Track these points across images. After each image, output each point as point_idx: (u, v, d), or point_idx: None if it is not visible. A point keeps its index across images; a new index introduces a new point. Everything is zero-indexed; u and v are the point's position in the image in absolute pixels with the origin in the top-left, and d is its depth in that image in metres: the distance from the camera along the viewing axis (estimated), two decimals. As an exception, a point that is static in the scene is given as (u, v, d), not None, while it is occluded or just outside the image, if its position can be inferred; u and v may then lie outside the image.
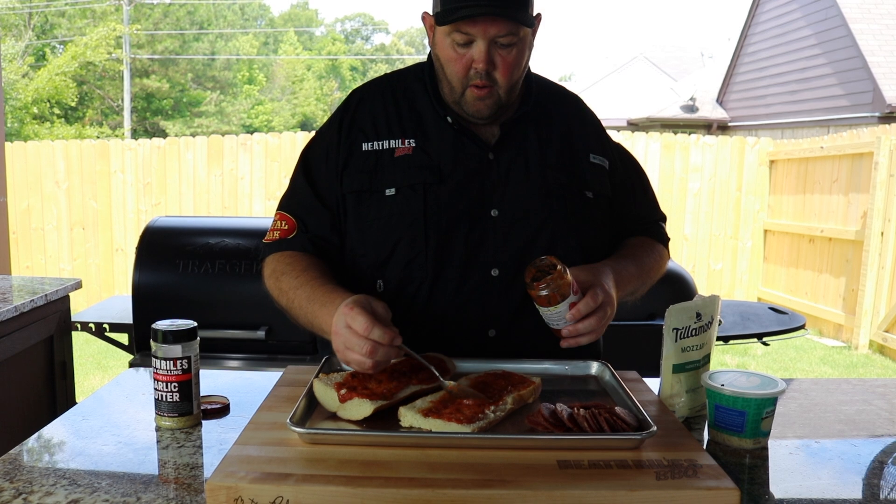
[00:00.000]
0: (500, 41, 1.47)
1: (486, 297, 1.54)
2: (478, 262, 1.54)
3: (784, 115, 12.91)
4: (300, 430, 1.14)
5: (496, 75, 1.49)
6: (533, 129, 1.62)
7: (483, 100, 1.51)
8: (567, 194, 1.59)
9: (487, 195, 1.55)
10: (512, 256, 1.54)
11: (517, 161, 1.58)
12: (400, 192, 1.54)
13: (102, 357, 6.26)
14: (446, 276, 1.54)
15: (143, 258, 3.14)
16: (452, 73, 1.51)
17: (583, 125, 1.71)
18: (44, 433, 1.30)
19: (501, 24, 1.45)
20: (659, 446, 1.15)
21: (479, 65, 1.47)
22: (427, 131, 1.58)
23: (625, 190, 1.72)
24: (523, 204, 1.56)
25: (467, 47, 1.48)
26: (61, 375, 3.13)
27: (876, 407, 1.52)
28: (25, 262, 8.28)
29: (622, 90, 19.43)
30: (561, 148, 1.63)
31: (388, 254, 1.55)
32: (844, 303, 7.10)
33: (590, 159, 1.65)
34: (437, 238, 1.53)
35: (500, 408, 1.23)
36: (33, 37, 24.28)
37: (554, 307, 1.36)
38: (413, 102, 1.62)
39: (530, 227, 1.55)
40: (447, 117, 1.58)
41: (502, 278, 1.54)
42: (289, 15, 38.48)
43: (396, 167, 1.55)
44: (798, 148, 7.96)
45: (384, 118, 1.60)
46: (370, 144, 1.58)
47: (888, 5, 11.25)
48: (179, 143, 8.34)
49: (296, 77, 32.95)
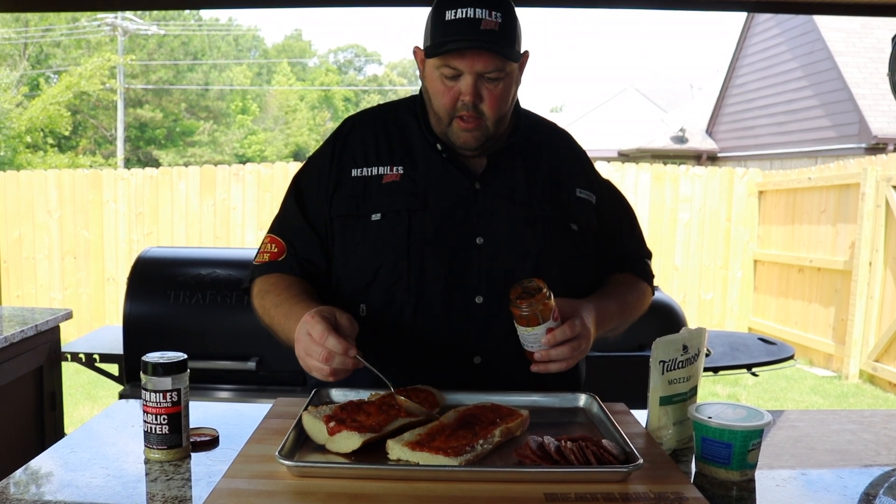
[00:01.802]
0: (487, 76, 1.51)
1: (469, 324, 1.56)
2: (461, 288, 1.56)
3: (772, 146, 13.05)
4: (289, 462, 1.14)
5: (483, 108, 1.53)
6: (520, 161, 1.65)
7: (470, 132, 1.55)
8: (552, 226, 1.61)
9: (473, 223, 1.58)
10: (496, 284, 1.55)
11: (503, 191, 1.61)
12: (385, 217, 1.57)
13: (92, 387, 6.22)
14: (428, 301, 1.55)
15: (135, 288, 3.14)
16: (440, 105, 1.55)
17: (571, 160, 1.73)
18: (32, 465, 1.30)
19: (488, 60, 1.49)
20: (646, 479, 1.16)
21: (466, 97, 1.51)
22: (416, 159, 1.62)
23: (611, 225, 1.74)
24: (508, 233, 1.58)
25: (455, 80, 1.52)
26: (50, 406, 3.12)
27: (864, 438, 1.53)
28: (16, 291, 8.25)
29: (612, 121, 19.59)
30: (548, 181, 1.65)
31: (370, 278, 1.57)
32: (834, 332, 7.12)
33: (576, 193, 1.67)
34: (420, 263, 1.55)
35: (487, 440, 1.24)
36: (28, 66, 24.36)
37: (532, 328, 1.38)
38: (404, 132, 1.66)
39: (515, 255, 1.58)
40: (437, 145, 1.61)
41: (487, 306, 1.55)
42: (282, 46, 38.74)
43: (383, 193, 1.58)
44: (786, 179, 8.04)
45: (374, 146, 1.64)
46: (360, 171, 1.62)
47: (872, 38, 11.43)
48: (172, 173, 8.36)
49: (289, 107, 33.09)
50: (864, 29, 11.67)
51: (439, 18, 1.50)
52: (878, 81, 10.80)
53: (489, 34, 1.47)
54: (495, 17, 1.48)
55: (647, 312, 1.78)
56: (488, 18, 1.47)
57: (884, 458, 1.42)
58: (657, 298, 3.49)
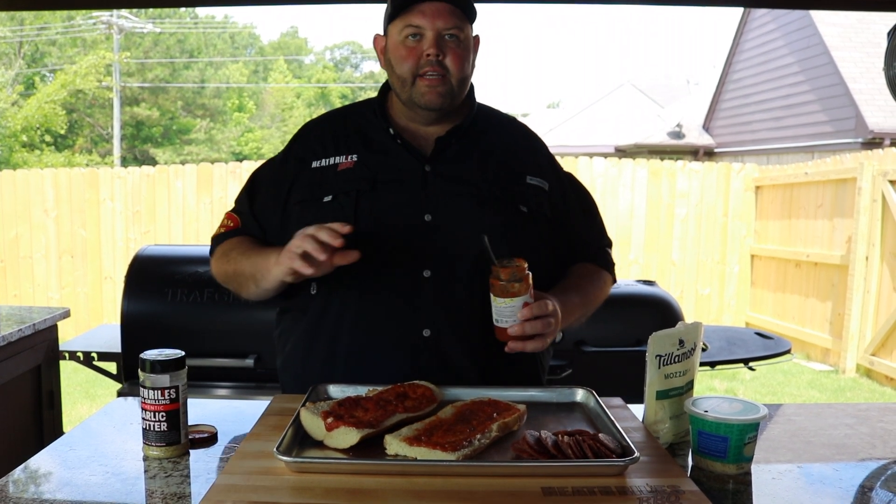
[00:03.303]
0: (447, 33, 1.61)
1: (418, 298, 1.61)
2: (409, 263, 1.62)
3: (769, 142, 13.06)
4: (287, 458, 1.15)
5: (447, 63, 1.62)
6: (471, 148, 1.73)
7: (434, 87, 1.62)
8: (501, 206, 1.67)
9: (422, 202, 1.65)
10: (444, 259, 1.62)
11: (453, 173, 1.69)
12: (336, 199, 1.66)
13: (90, 386, 6.22)
14: (373, 278, 1.62)
15: (132, 287, 3.14)
16: (403, 68, 1.64)
17: (526, 150, 1.81)
18: (31, 463, 1.30)
19: (447, 16, 1.60)
20: (643, 472, 1.17)
21: (430, 50, 1.61)
22: (370, 147, 1.71)
23: (570, 213, 1.81)
24: (457, 211, 1.65)
25: (417, 41, 1.61)
26: (49, 405, 3.12)
27: (861, 432, 1.53)
28: (13, 290, 8.24)
29: (609, 117, 19.60)
30: (499, 166, 1.73)
31: None
32: (831, 327, 7.14)
33: (527, 179, 1.74)
34: (367, 240, 1.60)
35: (485, 435, 1.24)
36: (23, 65, 24.32)
37: (510, 300, 1.43)
38: (361, 126, 1.76)
39: (463, 232, 1.63)
40: (389, 129, 1.70)
41: (434, 280, 1.61)
42: (279, 43, 38.69)
43: (338, 179, 1.68)
44: (783, 174, 8.05)
45: (332, 139, 1.75)
46: (319, 161, 1.72)
47: (868, 33, 11.44)
48: (169, 172, 8.35)
49: (285, 105, 33.06)
50: (861, 23, 11.68)
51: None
52: (875, 76, 10.81)
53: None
54: None
55: (644, 307, 1.80)
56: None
57: (879, 451, 1.43)
58: (654, 293, 3.50)
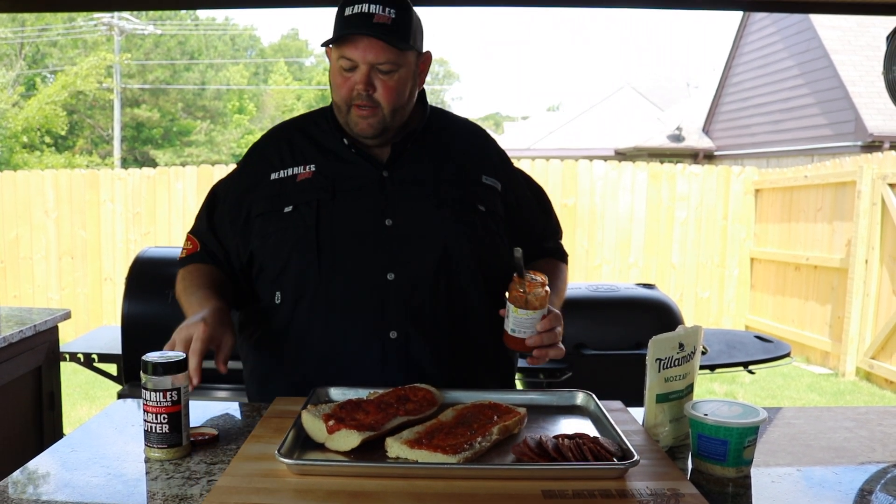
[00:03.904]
0: (379, 67, 1.62)
1: (383, 300, 1.63)
2: (372, 267, 1.65)
3: (769, 145, 13.07)
4: (288, 461, 1.15)
5: (377, 97, 1.64)
6: (427, 152, 1.77)
7: (366, 118, 1.66)
8: (459, 207, 1.71)
9: (381, 208, 1.68)
10: (407, 261, 1.65)
11: (410, 177, 1.72)
12: (296, 209, 1.68)
13: (90, 387, 6.22)
14: (338, 284, 1.65)
15: (133, 288, 3.14)
16: (338, 95, 1.68)
17: (480, 152, 1.85)
18: (31, 465, 1.30)
19: (379, 51, 1.61)
20: (642, 475, 1.17)
21: (359, 86, 1.63)
22: (326, 157, 1.74)
23: (521, 208, 1.86)
24: (416, 214, 1.69)
25: (352, 72, 1.64)
26: (49, 406, 3.12)
27: (861, 435, 1.54)
28: (13, 291, 8.24)
29: (609, 120, 19.61)
30: (455, 169, 1.77)
31: (282, 265, 1.68)
32: (831, 330, 7.14)
33: (482, 179, 1.78)
34: (330, 248, 1.65)
35: (486, 438, 1.25)
36: (24, 66, 24.33)
37: (531, 312, 1.49)
38: (316, 136, 1.79)
39: (424, 234, 1.68)
40: (343, 139, 1.73)
41: (398, 282, 1.64)
42: (279, 45, 38.71)
43: (297, 189, 1.70)
44: (783, 177, 8.06)
45: (289, 150, 1.77)
46: (278, 174, 1.74)
47: (868, 37, 11.45)
48: (169, 173, 8.35)
49: (285, 107, 33.06)
50: (860, 27, 11.70)
51: (340, 14, 1.63)
52: (874, 79, 10.82)
53: (381, 27, 1.60)
54: (388, 12, 1.61)
55: (644, 311, 1.81)
56: (381, 13, 1.60)
57: (879, 454, 1.43)
58: (654, 296, 3.50)
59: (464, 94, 50.82)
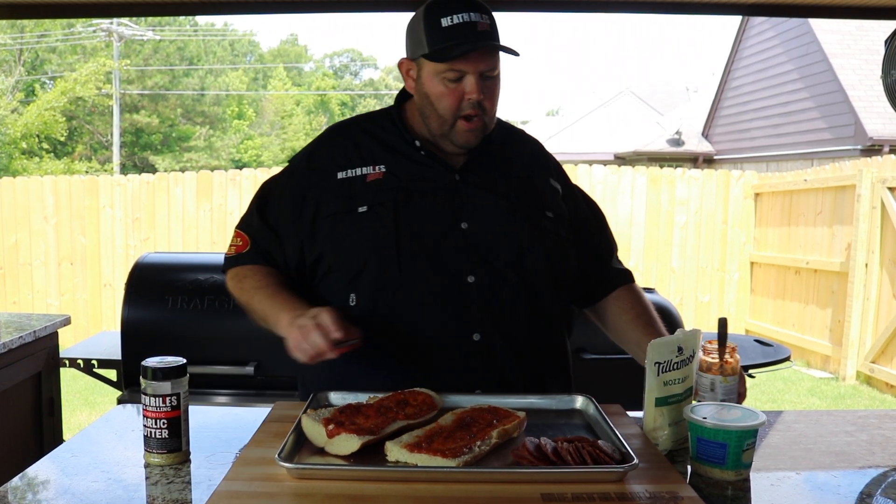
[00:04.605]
0: (486, 74, 1.61)
1: (464, 303, 1.62)
2: (451, 270, 1.63)
3: (768, 149, 13.08)
4: (288, 465, 1.15)
5: (485, 104, 1.64)
6: (496, 157, 1.76)
7: (473, 131, 1.65)
8: (530, 212, 1.71)
9: (456, 211, 1.66)
10: (485, 263, 1.64)
11: (482, 182, 1.71)
12: (372, 209, 1.64)
13: (90, 393, 6.21)
14: (419, 286, 1.62)
15: (132, 294, 3.14)
16: (445, 108, 1.63)
17: (541, 159, 1.85)
18: (31, 471, 1.30)
19: (489, 59, 1.60)
20: (642, 479, 1.17)
21: (472, 96, 1.62)
22: (397, 158, 1.71)
23: (581, 220, 1.85)
24: (490, 218, 1.68)
25: (457, 82, 1.61)
26: (49, 412, 3.12)
27: (861, 439, 1.54)
28: (13, 297, 8.23)
29: (609, 124, 19.63)
30: (522, 175, 1.76)
31: (360, 267, 1.64)
32: (831, 334, 7.14)
33: (548, 184, 1.79)
34: (409, 250, 1.62)
35: (485, 442, 1.25)
36: (23, 72, 24.36)
37: (735, 377, 1.48)
38: (381, 137, 1.75)
39: (498, 238, 1.66)
40: (415, 142, 1.71)
41: (479, 284, 1.62)
42: (278, 51, 38.76)
43: (369, 189, 1.67)
44: (782, 181, 8.06)
45: (355, 150, 1.73)
46: (345, 172, 1.70)
47: (867, 40, 11.47)
48: (168, 179, 8.36)
49: (285, 112, 33.10)
50: (859, 31, 11.72)
51: (435, 26, 1.59)
52: (874, 83, 10.81)
53: (486, 35, 1.59)
54: (485, 18, 1.60)
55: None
56: (482, 21, 1.60)
57: (879, 458, 1.44)
58: (654, 300, 3.49)
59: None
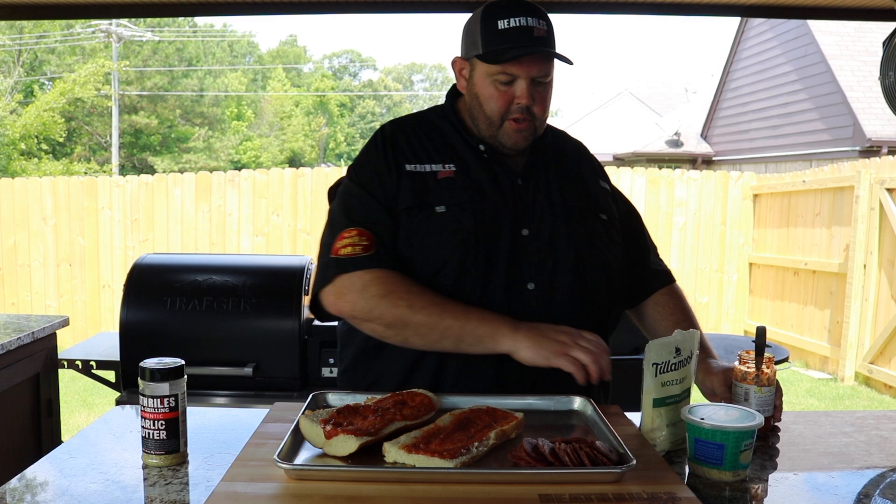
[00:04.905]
0: (538, 79, 1.63)
1: (526, 310, 1.62)
2: (517, 275, 1.63)
3: (767, 150, 13.09)
4: (287, 466, 1.15)
5: (534, 109, 1.65)
6: (552, 160, 1.77)
7: (521, 132, 1.66)
8: (585, 216, 1.72)
9: (520, 216, 1.66)
10: (544, 271, 1.65)
11: (541, 187, 1.71)
12: (450, 209, 1.63)
13: (88, 395, 6.21)
14: (493, 288, 1.62)
15: (131, 295, 3.14)
16: (493, 109, 1.65)
17: (590, 162, 1.87)
18: (29, 472, 1.30)
19: (542, 64, 1.62)
20: (639, 480, 1.17)
21: (522, 100, 1.63)
22: (463, 159, 1.70)
23: (627, 219, 1.87)
24: (549, 224, 1.68)
25: (509, 85, 1.63)
26: (47, 413, 3.12)
27: (859, 440, 1.54)
28: (11, 298, 8.23)
29: (608, 125, 19.65)
30: (576, 179, 1.78)
31: (437, 268, 1.62)
32: (830, 335, 7.14)
33: (599, 186, 1.81)
34: (486, 252, 1.62)
35: (482, 443, 1.25)
36: (22, 73, 24.34)
37: (771, 388, 1.50)
38: (443, 136, 1.74)
39: (557, 244, 1.67)
40: (479, 145, 1.71)
41: (539, 293, 1.63)
42: (277, 52, 38.77)
43: (442, 188, 1.66)
44: (781, 182, 8.07)
45: (420, 145, 1.72)
46: (413, 166, 1.68)
47: (865, 42, 11.49)
48: (167, 180, 8.35)
49: (284, 113, 33.11)
50: (858, 32, 11.74)
51: (491, 28, 1.61)
52: (872, 84, 10.84)
53: (541, 40, 1.61)
54: (542, 24, 1.62)
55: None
56: (538, 26, 1.61)
57: (877, 459, 1.44)
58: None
59: (462, 100, 50.65)
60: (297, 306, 3.11)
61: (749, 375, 1.50)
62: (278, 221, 8.23)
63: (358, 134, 39.44)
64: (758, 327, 1.54)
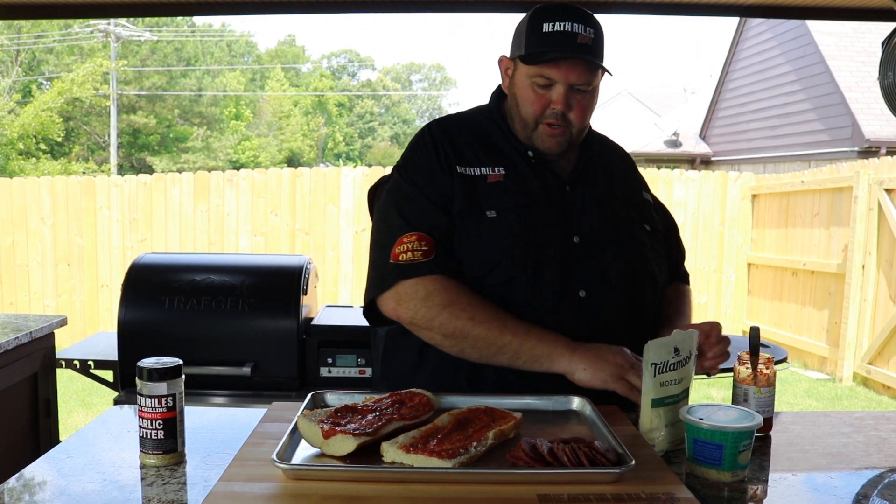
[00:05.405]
0: (577, 87, 1.61)
1: (577, 317, 1.62)
2: (567, 282, 1.62)
3: (765, 150, 13.10)
4: (285, 465, 1.15)
5: (570, 117, 1.64)
6: (600, 167, 1.76)
7: (555, 137, 1.65)
8: (631, 226, 1.72)
9: (569, 223, 1.66)
10: (595, 279, 1.64)
11: (589, 194, 1.71)
12: (500, 214, 1.62)
13: (86, 394, 6.21)
14: (542, 295, 1.61)
15: (129, 295, 3.14)
16: (528, 111, 1.65)
17: (632, 170, 1.88)
18: (27, 472, 1.30)
19: (581, 72, 1.60)
20: (638, 480, 1.17)
21: (557, 106, 1.62)
22: (512, 163, 1.69)
23: (664, 232, 1.87)
24: (598, 232, 1.68)
25: (546, 89, 1.62)
26: (45, 413, 3.11)
27: (858, 440, 1.54)
28: (9, 298, 8.22)
29: (606, 126, 19.56)
30: (622, 187, 1.77)
31: (486, 272, 1.61)
32: (828, 335, 7.15)
33: (643, 195, 1.81)
34: (535, 258, 1.60)
35: (481, 443, 1.25)
36: (20, 73, 24.32)
37: (768, 389, 1.50)
38: (489, 138, 1.73)
39: (607, 252, 1.66)
40: (528, 151, 1.69)
41: (590, 301, 1.62)
42: (276, 51, 38.76)
43: (492, 192, 1.65)
44: (779, 182, 8.07)
45: (469, 148, 1.70)
46: (464, 169, 1.67)
47: (864, 42, 11.50)
48: (166, 180, 8.35)
49: (282, 113, 33.10)
50: (856, 33, 11.75)
51: (536, 30, 1.60)
52: (871, 85, 10.86)
53: (584, 48, 1.59)
54: (589, 32, 1.60)
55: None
56: (584, 33, 1.59)
57: (875, 459, 1.44)
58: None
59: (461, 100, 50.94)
60: (295, 306, 3.10)
61: (748, 376, 1.50)
62: (277, 221, 8.23)
63: (356, 134, 39.46)
64: (751, 327, 1.55)
